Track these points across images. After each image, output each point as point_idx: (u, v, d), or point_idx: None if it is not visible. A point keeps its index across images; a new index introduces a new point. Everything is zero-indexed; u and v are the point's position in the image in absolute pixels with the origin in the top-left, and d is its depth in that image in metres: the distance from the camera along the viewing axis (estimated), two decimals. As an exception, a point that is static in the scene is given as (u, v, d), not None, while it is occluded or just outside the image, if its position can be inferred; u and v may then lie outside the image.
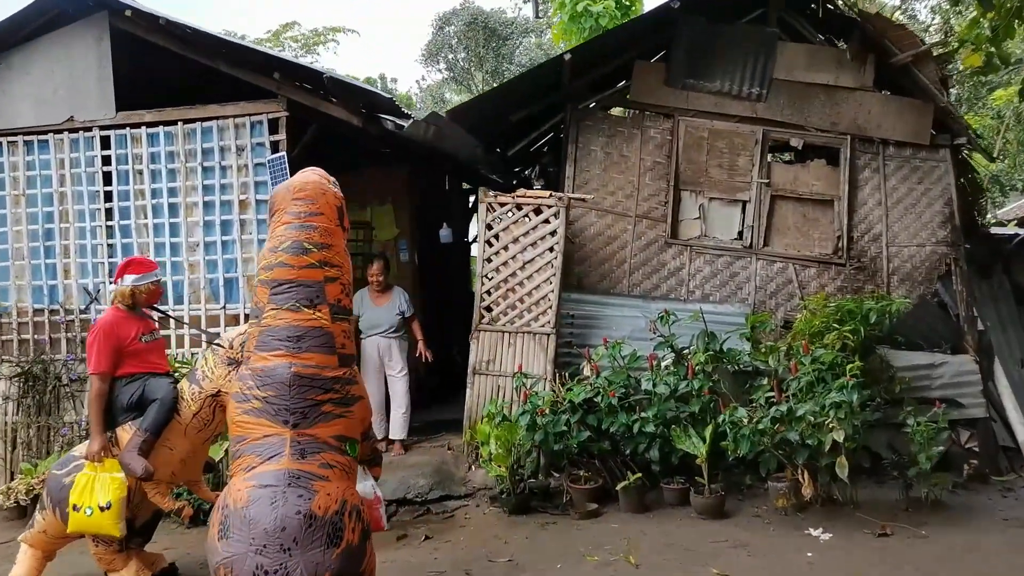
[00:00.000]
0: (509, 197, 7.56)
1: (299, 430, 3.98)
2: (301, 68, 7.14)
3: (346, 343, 4.21)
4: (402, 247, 10.56)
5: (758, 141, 8.24)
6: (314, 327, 4.07)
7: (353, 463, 4.21)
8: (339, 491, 3.94)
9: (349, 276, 4.34)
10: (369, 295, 7.93)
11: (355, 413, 4.19)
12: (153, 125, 7.60)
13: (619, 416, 6.52)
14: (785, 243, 8.23)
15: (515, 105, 8.38)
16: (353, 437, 4.21)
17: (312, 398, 4.01)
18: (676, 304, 7.90)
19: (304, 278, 4.10)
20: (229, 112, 7.49)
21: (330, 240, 4.17)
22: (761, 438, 6.10)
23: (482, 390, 7.50)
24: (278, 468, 3.90)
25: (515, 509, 6.58)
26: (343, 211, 4.31)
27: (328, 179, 4.39)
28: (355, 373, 4.28)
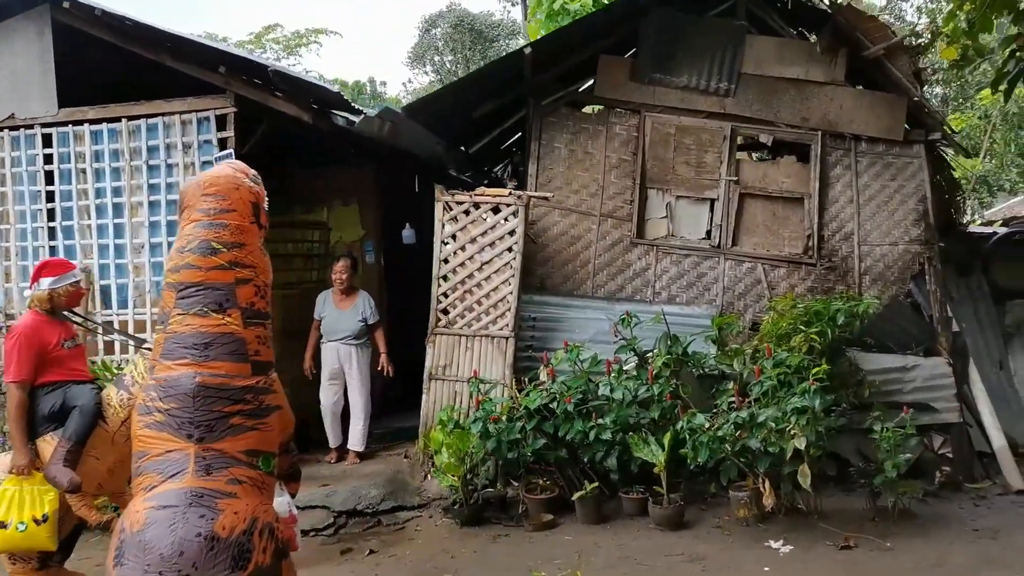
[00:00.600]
0: (466, 196, 7.29)
1: (204, 444, 3.66)
2: (247, 62, 6.86)
3: (261, 349, 3.86)
4: (368, 248, 10.24)
5: (726, 137, 7.98)
6: (223, 333, 3.75)
7: (267, 478, 3.90)
8: (248, 509, 3.62)
9: (266, 277, 4.02)
10: (332, 297, 7.64)
11: (269, 425, 3.86)
12: (97, 122, 7.32)
13: (575, 423, 6.25)
14: (754, 242, 7.98)
15: (476, 101, 8.11)
16: (267, 451, 3.88)
17: (219, 410, 3.69)
18: (641, 306, 7.64)
19: (213, 280, 3.77)
20: (175, 108, 7.20)
21: (243, 239, 3.84)
22: (721, 445, 5.83)
23: (439, 396, 7.23)
24: (180, 487, 3.58)
25: (467, 520, 6.32)
26: (260, 207, 3.97)
27: (246, 173, 4.08)
28: (272, 381, 3.96)
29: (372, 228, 10.13)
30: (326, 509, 6.68)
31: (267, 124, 7.49)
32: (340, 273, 7.55)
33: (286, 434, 4.18)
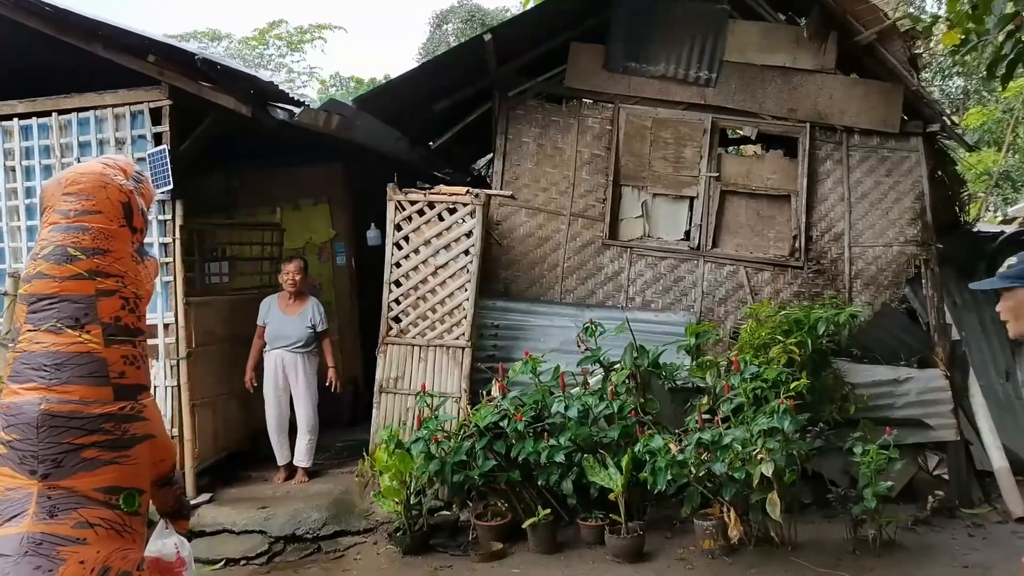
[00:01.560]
0: (420, 195, 6.77)
1: (50, 482, 3.13)
2: (177, 51, 6.36)
3: (128, 371, 3.30)
4: (339, 250, 9.77)
5: (707, 130, 7.40)
6: (79, 352, 3.19)
7: (131, 520, 3.34)
8: (98, 557, 3.07)
9: (137, 287, 3.48)
10: (279, 302, 7.10)
11: (135, 457, 3.29)
12: (26, 116, 6.84)
13: (527, 443, 5.69)
14: (736, 244, 7.40)
15: (438, 93, 7.57)
16: (133, 487, 3.37)
17: (69, 442, 3.12)
18: (614, 312, 7.09)
19: (69, 292, 3.23)
20: (108, 101, 6.71)
21: (107, 244, 3.29)
22: (682, 470, 5.26)
23: (390, 411, 6.71)
24: (17, 532, 3.04)
25: (410, 549, 5.79)
26: (132, 208, 3.39)
27: (123, 169, 3.56)
28: (142, 408, 3.39)
29: (343, 229, 9.66)
30: (262, 534, 6.17)
31: (212, 119, 6.99)
32: (293, 275, 7.01)
33: (164, 466, 3.64)
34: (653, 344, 6.43)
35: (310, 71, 30.81)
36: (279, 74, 28.46)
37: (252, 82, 6.40)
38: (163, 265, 6.57)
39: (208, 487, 6.80)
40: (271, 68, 29.33)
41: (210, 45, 29.46)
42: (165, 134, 6.57)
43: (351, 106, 6.89)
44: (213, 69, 6.26)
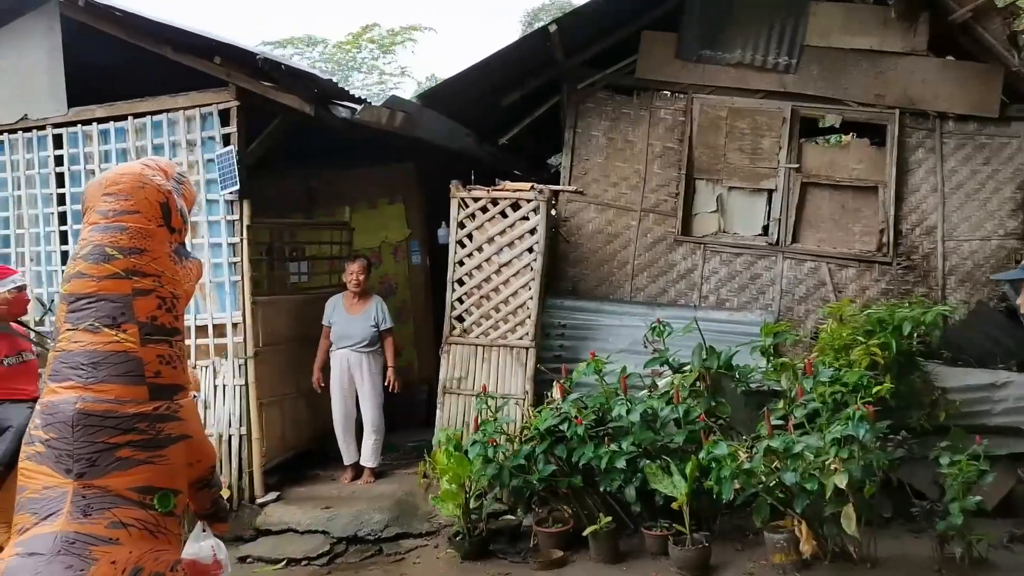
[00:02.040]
0: (483, 191, 6.63)
1: (85, 481, 3.06)
2: (241, 51, 6.40)
3: (163, 370, 3.25)
4: (414, 248, 9.74)
5: (786, 119, 7.02)
6: (115, 351, 3.17)
7: (165, 520, 3.29)
8: (131, 558, 3.00)
9: (175, 287, 3.41)
10: (344, 302, 7.09)
11: (170, 458, 3.22)
12: (104, 121, 7.02)
13: (587, 448, 5.48)
14: (818, 238, 6.99)
15: (506, 88, 7.42)
16: (168, 487, 3.25)
17: (104, 441, 3.09)
18: (685, 311, 6.80)
19: (106, 291, 3.20)
20: (180, 104, 6.81)
21: (144, 244, 3.27)
22: (749, 479, 4.95)
23: (453, 412, 6.61)
24: (51, 531, 2.99)
25: (469, 554, 5.65)
26: (171, 208, 3.36)
27: (163, 170, 3.53)
28: (178, 408, 3.30)
29: (418, 227, 9.62)
30: (325, 534, 6.15)
31: (281, 120, 7.02)
32: (357, 274, 6.99)
33: (201, 468, 3.58)
34: (727, 345, 6.12)
35: (401, 72, 31.11)
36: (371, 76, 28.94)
37: (314, 81, 6.39)
38: (231, 265, 6.64)
39: (276, 486, 6.83)
40: (363, 71, 29.84)
41: (306, 51, 30.16)
42: (233, 135, 6.62)
43: (414, 102, 6.81)
44: (276, 69, 6.28)
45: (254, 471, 6.64)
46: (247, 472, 6.65)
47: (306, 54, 29.91)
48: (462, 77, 6.85)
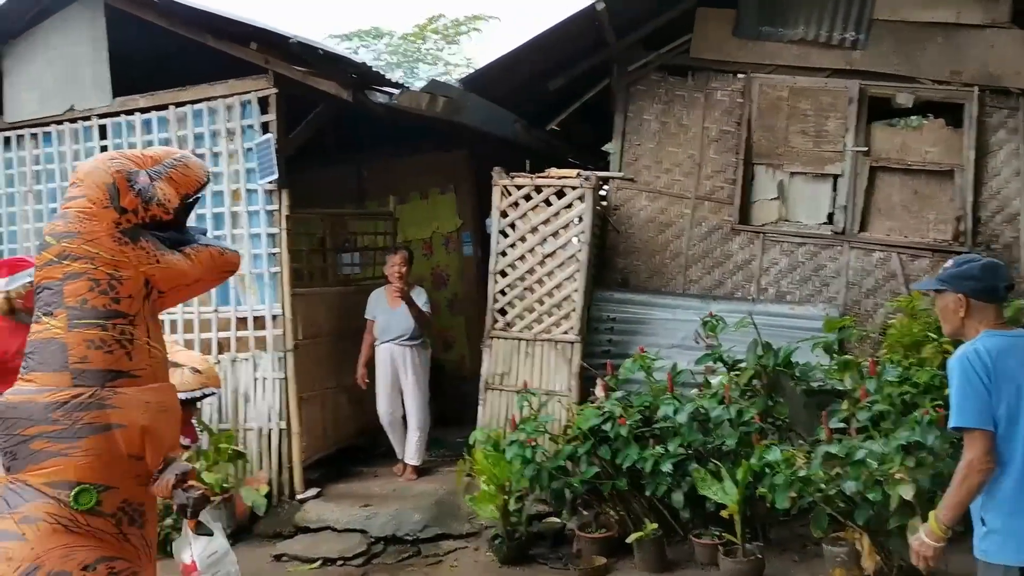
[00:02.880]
0: (527, 179, 6.33)
1: (12, 475, 2.96)
2: (276, 36, 6.22)
3: (92, 355, 3.02)
4: (466, 239, 9.52)
5: (853, 99, 6.56)
6: (45, 339, 3.05)
7: (88, 518, 2.96)
8: (30, 555, 2.83)
9: (119, 268, 3.07)
10: (386, 295, 6.88)
11: (84, 449, 2.96)
12: (147, 111, 6.95)
13: (630, 449, 5.16)
14: (888, 227, 6.52)
15: (554, 71, 7.11)
16: (89, 482, 2.98)
17: (20, 433, 2.96)
18: (743, 305, 6.42)
19: (45, 280, 3.10)
20: (219, 92, 6.69)
21: (79, 226, 3.07)
22: (806, 487, 4.57)
23: (495, 409, 6.35)
24: None
25: (508, 558, 5.40)
26: (119, 188, 3.09)
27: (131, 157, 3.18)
28: (109, 395, 3.02)
29: (470, 217, 9.39)
30: (363, 534, 5.98)
31: (324, 107, 6.85)
32: (399, 267, 6.76)
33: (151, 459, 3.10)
34: (787, 341, 5.73)
35: (467, 62, 30.92)
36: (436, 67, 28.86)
37: (352, 65, 6.18)
38: (270, 256, 6.50)
39: (318, 481, 6.69)
40: (428, 62, 29.79)
41: (371, 43, 30.26)
42: (272, 123, 6.47)
43: (456, 87, 6.56)
44: (312, 53, 6.09)
45: (294, 466, 6.50)
46: (287, 467, 6.52)
47: (372, 46, 30.05)
48: (505, 60, 6.58)
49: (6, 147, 7.51)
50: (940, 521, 3.00)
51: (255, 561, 5.83)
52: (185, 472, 3.17)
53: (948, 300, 3.00)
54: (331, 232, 7.97)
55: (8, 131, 7.47)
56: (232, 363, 6.60)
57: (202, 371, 3.82)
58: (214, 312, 6.72)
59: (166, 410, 3.19)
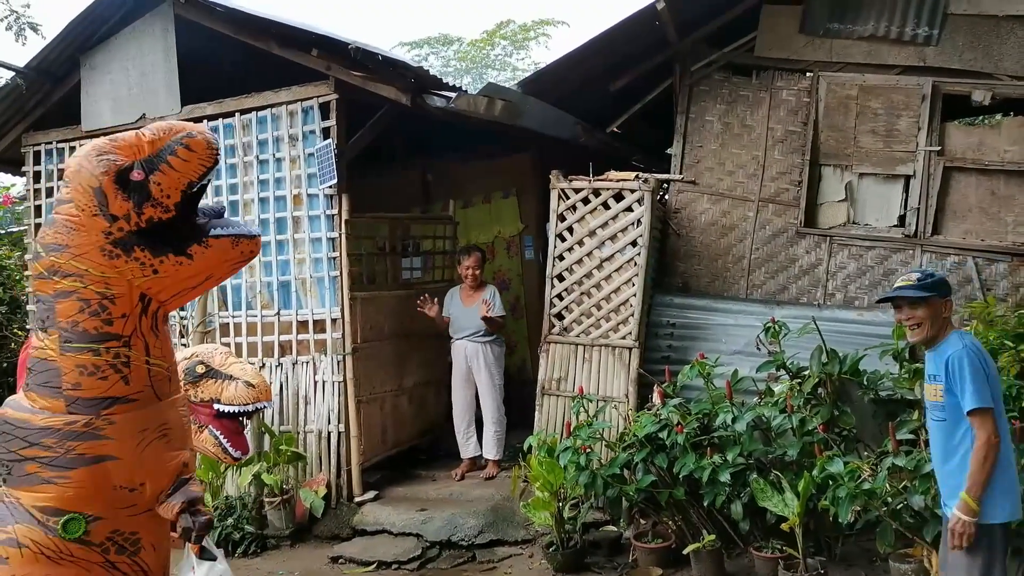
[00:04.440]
0: (585, 182, 6.26)
1: (7, 487, 2.93)
2: (337, 42, 6.28)
3: (84, 382, 2.84)
4: (527, 243, 9.46)
5: (926, 97, 6.30)
6: (40, 359, 2.91)
7: (75, 548, 2.91)
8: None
9: (107, 286, 2.81)
10: (460, 294, 6.98)
11: (78, 480, 2.86)
12: (214, 118, 7.10)
13: (687, 458, 5.03)
14: (964, 230, 6.24)
15: (615, 72, 7.02)
16: (79, 512, 2.89)
17: (15, 451, 2.89)
18: (808, 310, 6.21)
19: (39, 292, 2.92)
20: (282, 98, 6.79)
21: (67, 239, 2.79)
22: (870, 500, 4.38)
23: (552, 414, 6.30)
24: None
25: (562, 566, 5.33)
26: (107, 193, 2.74)
27: (122, 146, 2.76)
28: (103, 426, 2.86)
29: (532, 221, 9.34)
30: (418, 538, 5.99)
31: (384, 112, 6.90)
32: (472, 268, 6.82)
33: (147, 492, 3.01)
34: (854, 348, 5.52)
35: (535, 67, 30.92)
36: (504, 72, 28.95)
37: (411, 70, 6.20)
38: (330, 259, 6.57)
39: (376, 484, 6.71)
40: (496, 68, 29.90)
41: (441, 50, 30.54)
42: (332, 128, 6.53)
43: (515, 90, 6.52)
44: (371, 59, 6.12)
45: (352, 469, 6.54)
46: (345, 470, 6.56)
47: (441, 53, 30.32)
48: (565, 62, 6.53)
49: (83, 155, 7.76)
50: (973, 498, 3.34)
51: (313, 563, 5.90)
52: (193, 499, 3.05)
53: (936, 306, 3.47)
54: (393, 236, 8.03)
55: (85, 139, 7.70)
56: (292, 366, 6.69)
57: (255, 385, 3.72)
58: (276, 315, 6.81)
59: (168, 432, 3.02)
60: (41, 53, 7.47)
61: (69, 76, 7.66)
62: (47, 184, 7.87)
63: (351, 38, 6.07)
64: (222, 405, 3.61)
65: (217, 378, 3.66)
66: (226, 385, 3.65)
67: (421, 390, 7.40)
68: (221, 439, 3.63)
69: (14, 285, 9.93)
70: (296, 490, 6.40)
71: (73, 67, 7.60)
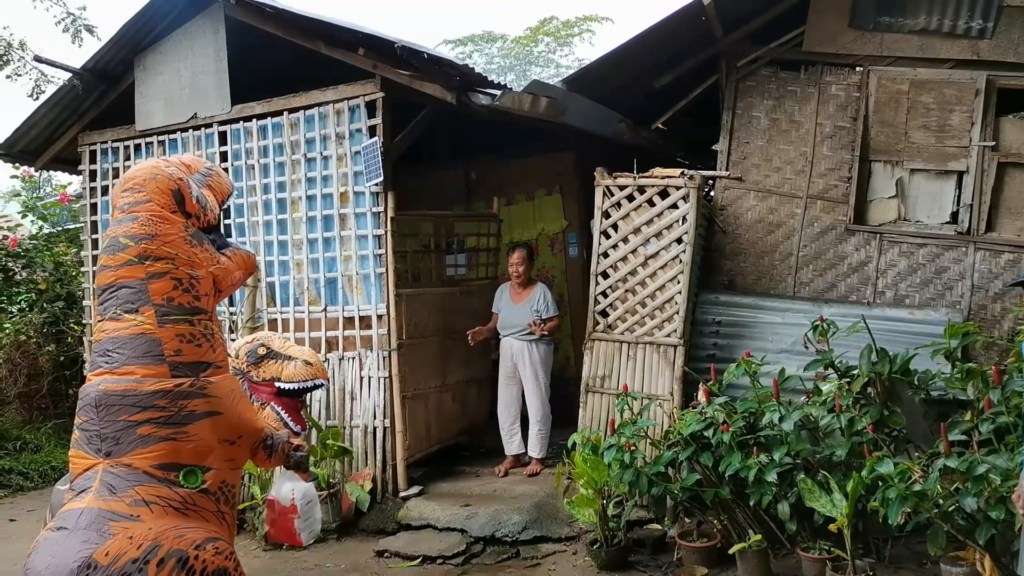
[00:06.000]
0: (629, 179, 6.23)
1: (112, 459, 3.22)
2: (383, 41, 6.33)
3: (184, 348, 3.35)
4: (571, 240, 9.46)
5: (980, 91, 6.17)
6: (134, 335, 3.31)
7: (196, 497, 3.31)
8: (149, 534, 3.09)
9: (191, 268, 3.44)
10: (510, 291, 7.04)
11: (194, 434, 3.30)
12: (262, 117, 7.21)
13: (733, 457, 5.00)
14: (1018, 227, 6.11)
15: (660, 68, 6.98)
16: (195, 464, 3.32)
17: (125, 419, 3.23)
18: (857, 309, 6.14)
19: (123, 279, 3.38)
20: (329, 97, 6.87)
21: (155, 229, 3.39)
22: (920, 502, 4.31)
23: (596, 411, 6.29)
24: (79, 506, 3.17)
25: (606, 564, 5.32)
26: (184, 194, 3.48)
27: (183, 164, 3.64)
28: (205, 385, 3.36)
29: (576, 218, 9.34)
30: (462, 533, 6.02)
31: (429, 110, 6.95)
32: (517, 265, 6.87)
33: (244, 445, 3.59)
34: (905, 347, 5.43)
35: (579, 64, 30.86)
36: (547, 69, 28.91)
37: (456, 68, 6.23)
38: (376, 257, 6.63)
39: (421, 480, 6.79)
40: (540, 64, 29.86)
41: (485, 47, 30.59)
42: (378, 126, 6.60)
43: (559, 87, 6.52)
44: (417, 57, 6.17)
45: (397, 464, 6.61)
46: (391, 465, 6.63)
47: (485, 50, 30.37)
48: (609, 59, 6.50)
49: (137, 154, 7.94)
50: None
51: (358, 556, 5.97)
52: (288, 440, 3.81)
53: None
54: (437, 233, 8.09)
55: (139, 139, 7.89)
56: (339, 361, 6.77)
57: (312, 363, 4.10)
58: (323, 312, 6.90)
59: (245, 396, 3.67)
60: (96, 55, 7.66)
61: (123, 77, 7.85)
62: (103, 182, 8.08)
63: (397, 37, 6.12)
64: (283, 383, 4.02)
65: (277, 359, 4.06)
66: (285, 364, 4.05)
67: (464, 387, 7.43)
68: (283, 415, 3.99)
69: (71, 281, 10.21)
70: (342, 484, 6.48)
71: (127, 68, 7.78)
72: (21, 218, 12.31)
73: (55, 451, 8.86)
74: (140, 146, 7.91)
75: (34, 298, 10.15)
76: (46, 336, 9.78)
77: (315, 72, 7.06)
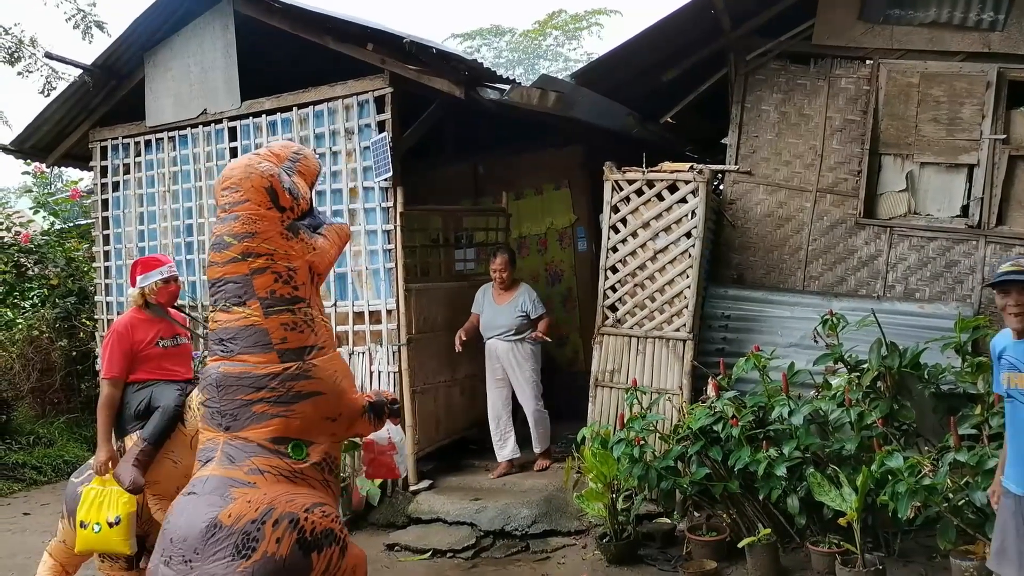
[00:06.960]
0: (638, 173, 6.23)
1: (232, 433, 3.68)
2: (390, 36, 6.34)
3: (289, 336, 3.73)
4: (580, 235, 9.46)
5: (991, 84, 6.15)
6: (244, 326, 3.72)
7: (301, 466, 3.71)
8: (264, 498, 3.50)
9: (288, 261, 3.79)
10: (492, 292, 6.97)
11: (299, 412, 3.70)
12: (272, 112, 7.23)
13: (742, 451, 5.00)
14: (1029, 220, 6.07)
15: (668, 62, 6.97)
16: (301, 438, 3.73)
17: (241, 398, 3.67)
18: (867, 303, 6.12)
19: (229, 275, 3.76)
20: (338, 93, 6.89)
21: (255, 227, 3.74)
22: (930, 496, 4.31)
23: (605, 405, 6.29)
24: (205, 474, 3.65)
25: (616, 558, 5.34)
26: (276, 190, 3.81)
27: (273, 154, 3.96)
28: (310, 367, 3.75)
29: (584, 213, 9.34)
30: (472, 527, 6.05)
31: (437, 105, 6.97)
32: (500, 271, 6.82)
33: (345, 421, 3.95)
34: (914, 341, 5.43)
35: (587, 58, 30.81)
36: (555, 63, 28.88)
37: (464, 63, 6.24)
38: (385, 251, 6.66)
39: (431, 473, 6.81)
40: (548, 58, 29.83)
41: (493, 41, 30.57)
42: (387, 121, 6.61)
43: (567, 81, 6.52)
44: (425, 52, 6.18)
45: (407, 458, 6.61)
46: (401, 459, 6.65)
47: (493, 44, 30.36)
48: (618, 53, 6.50)
49: (147, 150, 7.99)
50: None
51: (369, 550, 5.92)
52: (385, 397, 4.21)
53: None
54: (446, 228, 8.10)
55: (149, 135, 7.93)
56: (349, 356, 6.79)
57: None
58: (332, 306, 6.92)
59: (347, 373, 4.03)
60: (107, 51, 7.70)
61: (133, 74, 7.89)
62: (113, 178, 8.13)
63: (405, 32, 6.13)
64: None
65: None
66: None
67: (472, 381, 7.44)
68: None
69: (82, 276, 10.27)
70: (353, 478, 6.51)
71: (137, 64, 7.82)
72: (33, 214, 12.38)
73: (68, 445, 8.92)
74: (150, 142, 7.96)
75: (46, 294, 10.22)
76: (58, 331, 9.84)
77: (323, 68, 7.09)
